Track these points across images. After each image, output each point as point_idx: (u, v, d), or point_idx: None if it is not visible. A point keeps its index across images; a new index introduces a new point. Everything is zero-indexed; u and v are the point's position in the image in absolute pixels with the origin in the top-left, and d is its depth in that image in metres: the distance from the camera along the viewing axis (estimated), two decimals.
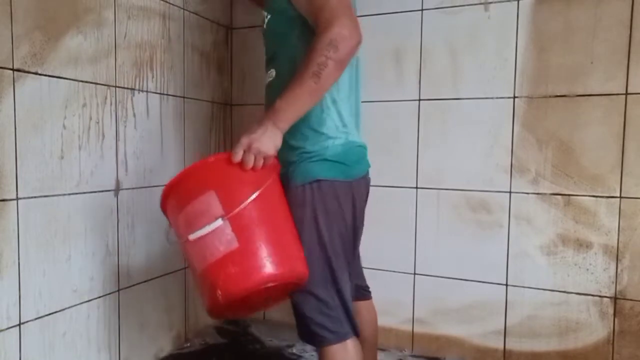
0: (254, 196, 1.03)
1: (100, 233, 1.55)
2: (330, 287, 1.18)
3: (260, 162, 1.06)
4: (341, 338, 1.18)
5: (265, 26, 1.23)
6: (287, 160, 1.20)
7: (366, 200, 1.33)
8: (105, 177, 1.55)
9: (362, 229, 1.34)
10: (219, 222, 1.01)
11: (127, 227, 1.65)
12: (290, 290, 1.17)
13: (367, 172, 1.31)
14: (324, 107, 1.18)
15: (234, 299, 1.03)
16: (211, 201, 1.03)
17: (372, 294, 1.53)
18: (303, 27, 1.15)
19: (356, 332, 1.21)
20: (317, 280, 1.16)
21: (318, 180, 1.15)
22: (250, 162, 1.04)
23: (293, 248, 1.10)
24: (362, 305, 1.45)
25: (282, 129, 1.06)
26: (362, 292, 1.47)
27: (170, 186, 1.11)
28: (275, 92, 1.14)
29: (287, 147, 1.17)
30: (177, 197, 1.10)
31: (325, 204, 1.16)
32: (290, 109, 1.06)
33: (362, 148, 1.28)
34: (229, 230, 1.01)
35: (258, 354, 1.90)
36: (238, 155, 1.04)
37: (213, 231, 1.01)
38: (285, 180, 1.20)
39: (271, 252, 1.03)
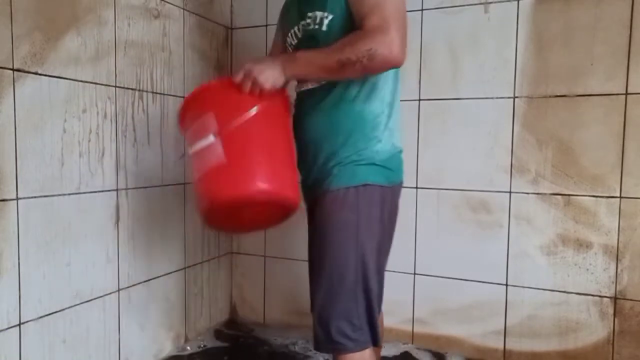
0: (244, 117, 1.10)
1: (101, 233, 1.55)
2: (360, 294, 1.15)
3: (257, 90, 1.10)
4: (361, 347, 1.15)
5: (325, 28, 1.16)
6: (331, 160, 1.18)
7: (398, 205, 1.31)
8: (106, 177, 1.55)
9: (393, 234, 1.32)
10: (211, 138, 1.10)
11: (127, 227, 1.65)
12: (280, 217, 1.22)
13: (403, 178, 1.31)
14: (379, 111, 1.17)
15: (220, 205, 1.12)
16: (209, 121, 1.12)
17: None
18: (352, 28, 1.11)
19: (375, 343, 1.18)
20: (348, 285, 1.14)
21: (366, 185, 1.14)
22: (246, 87, 1.09)
23: (285, 171, 1.15)
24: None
25: (285, 76, 1.11)
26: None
27: (181, 108, 1.23)
28: (317, 98, 1.19)
29: (334, 149, 1.17)
30: (185, 116, 1.22)
31: (370, 209, 1.15)
32: (304, 68, 1.11)
33: (401, 154, 1.27)
34: (219, 146, 1.09)
35: (260, 353, 1.90)
36: (237, 78, 1.10)
37: (207, 146, 1.10)
38: (322, 180, 1.18)
39: (259, 170, 1.10)
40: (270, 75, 1.09)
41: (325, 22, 1.16)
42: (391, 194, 1.21)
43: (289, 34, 1.29)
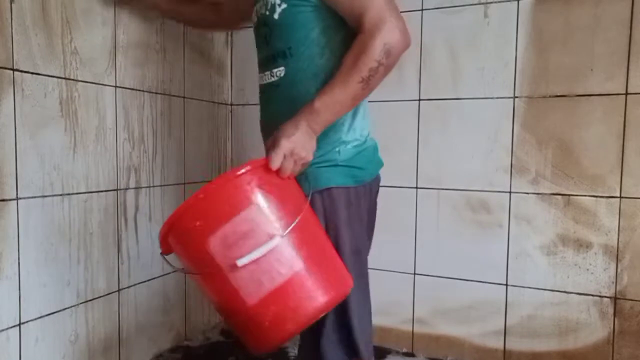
0: (306, 207, 0.92)
1: (101, 233, 1.55)
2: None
3: (299, 169, 0.97)
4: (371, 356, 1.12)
5: (276, 16, 1.05)
6: None
7: (376, 200, 1.23)
8: (106, 177, 1.55)
9: (373, 231, 1.26)
10: (277, 240, 0.86)
11: (127, 227, 1.65)
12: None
13: (379, 172, 1.21)
14: None
15: (305, 326, 0.91)
16: (257, 216, 0.88)
17: (372, 294, 1.52)
18: (329, 22, 1.03)
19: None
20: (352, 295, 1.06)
21: (328, 189, 1.05)
22: (289, 170, 0.94)
23: (339, 260, 1.00)
24: None
25: (317, 132, 0.98)
26: None
27: (191, 204, 0.89)
28: (283, 93, 1.07)
29: None
30: (204, 217, 0.89)
31: (337, 214, 1.06)
32: (330, 112, 0.97)
33: (374, 147, 1.18)
34: (289, 249, 0.87)
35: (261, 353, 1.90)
36: (278, 161, 0.92)
37: (270, 252, 0.86)
38: None
39: (330, 269, 0.94)
40: (309, 145, 0.95)
41: (278, 10, 1.05)
42: (362, 193, 1.11)
43: (253, 11, 1.16)
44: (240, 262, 0.85)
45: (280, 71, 1.08)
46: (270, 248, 0.85)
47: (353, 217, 1.08)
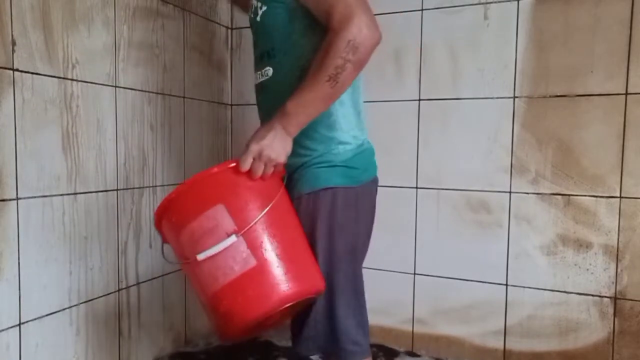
0: (267, 208, 0.95)
1: (101, 233, 1.55)
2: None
3: (270, 171, 0.99)
4: (367, 353, 1.12)
5: (258, 19, 1.10)
6: (291, 165, 1.11)
7: (375, 201, 1.25)
8: (106, 177, 1.55)
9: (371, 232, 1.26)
10: (233, 238, 0.91)
11: (127, 227, 1.65)
12: (305, 304, 1.08)
13: (376, 173, 1.24)
14: (332, 109, 1.08)
15: (253, 322, 0.95)
16: (220, 216, 0.93)
17: (372, 294, 1.52)
18: (307, 22, 1.05)
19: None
20: (341, 292, 1.09)
21: (327, 189, 1.06)
22: (259, 171, 0.98)
23: (309, 261, 1.03)
24: None
25: (292, 134, 1.00)
26: None
27: (168, 201, 0.99)
28: (272, 93, 1.09)
29: (292, 152, 1.07)
30: (177, 213, 0.99)
31: (337, 214, 1.07)
32: (303, 114, 0.98)
33: (371, 150, 1.21)
34: (244, 247, 0.92)
35: (262, 352, 1.90)
36: (247, 164, 0.97)
37: (226, 249, 0.91)
38: (289, 187, 1.11)
39: (289, 268, 0.96)
40: (280, 147, 0.98)
41: (259, 12, 1.09)
42: (361, 193, 1.12)
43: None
44: (199, 257, 0.92)
45: (267, 71, 1.11)
46: (226, 246, 0.91)
47: (350, 217, 1.10)
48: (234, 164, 0.98)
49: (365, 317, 1.15)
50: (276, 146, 0.98)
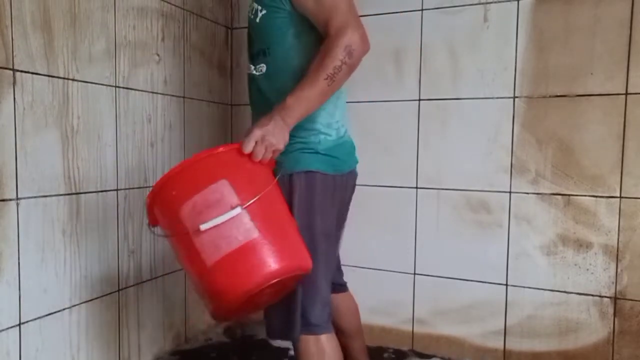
0: (270, 187, 1.03)
1: (101, 233, 1.55)
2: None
3: (270, 155, 1.08)
4: (329, 329, 1.22)
5: (258, 20, 1.21)
6: None
7: (352, 195, 1.37)
8: (106, 177, 1.55)
9: (344, 224, 1.37)
10: (238, 210, 0.98)
11: (127, 227, 1.65)
12: (288, 285, 1.14)
13: (356, 167, 1.35)
14: None
15: (253, 290, 0.99)
16: (225, 190, 1.00)
17: (373, 294, 1.53)
18: (301, 26, 1.17)
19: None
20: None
21: (307, 172, 1.18)
22: (260, 154, 1.07)
23: (300, 240, 1.11)
24: (341, 297, 1.46)
25: (289, 125, 1.10)
26: (340, 287, 1.48)
27: (170, 176, 1.05)
28: (265, 87, 1.21)
29: None
30: (180, 186, 1.04)
31: (315, 196, 1.18)
32: (301, 107, 1.09)
33: (351, 144, 1.32)
34: (247, 219, 0.99)
35: (261, 352, 1.90)
36: (250, 146, 1.06)
37: (231, 219, 0.98)
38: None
39: (286, 244, 1.04)
40: (280, 135, 1.08)
41: (259, 15, 1.20)
42: (339, 182, 1.24)
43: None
44: (203, 227, 0.97)
45: (262, 67, 1.23)
46: (231, 216, 0.97)
47: (326, 202, 1.21)
48: (238, 146, 1.06)
49: (329, 296, 1.25)
50: (277, 133, 1.08)
